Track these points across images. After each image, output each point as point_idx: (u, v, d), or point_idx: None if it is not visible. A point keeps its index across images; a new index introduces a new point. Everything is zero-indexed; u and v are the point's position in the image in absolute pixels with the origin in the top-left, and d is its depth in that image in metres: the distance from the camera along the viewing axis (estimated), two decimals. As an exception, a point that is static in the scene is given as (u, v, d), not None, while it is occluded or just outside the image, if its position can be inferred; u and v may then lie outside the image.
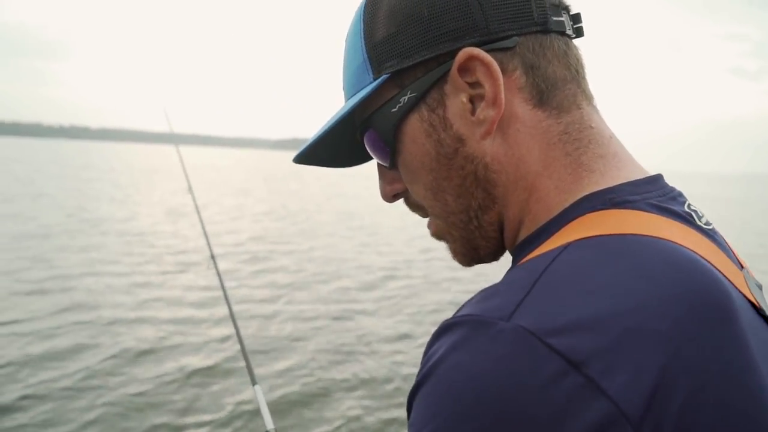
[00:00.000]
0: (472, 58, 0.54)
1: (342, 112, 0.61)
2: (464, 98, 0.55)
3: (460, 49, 0.54)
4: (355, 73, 0.60)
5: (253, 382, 1.93)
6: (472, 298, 0.48)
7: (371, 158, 0.67)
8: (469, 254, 0.63)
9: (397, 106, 0.58)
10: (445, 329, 0.45)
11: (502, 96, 0.54)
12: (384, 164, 0.63)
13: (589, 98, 0.59)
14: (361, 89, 0.59)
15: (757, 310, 0.49)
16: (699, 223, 0.53)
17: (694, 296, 0.43)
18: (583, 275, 0.44)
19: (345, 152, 0.70)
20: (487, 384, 0.40)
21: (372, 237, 13.04)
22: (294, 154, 0.69)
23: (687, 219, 0.53)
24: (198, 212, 2.80)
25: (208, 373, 4.96)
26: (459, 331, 0.44)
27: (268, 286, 8.03)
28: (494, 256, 0.64)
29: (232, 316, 2.18)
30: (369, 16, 0.59)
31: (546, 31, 0.56)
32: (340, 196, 26.13)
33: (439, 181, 0.59)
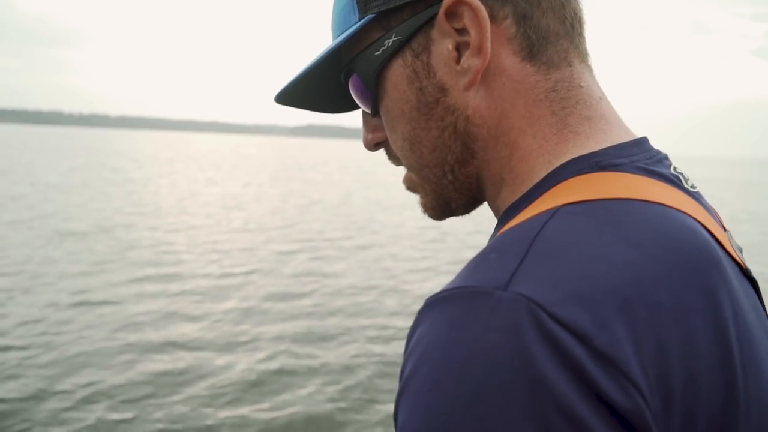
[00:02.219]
0: (460, 2, 0.51)
1: (325, 51, 0.59)
2: (450, 45, 0.53)
3: None
4: (341, 12, 0.58)
5: None
6: (460, 272, 0.44)
7: (357, 106, 0.66)
8: (440, 208, 0.63)
9: (381, 49, 0.56)
10: (432, 306, 0.42)
11: (488, 44, 0.51)
12: (366, 110, 0.62)
13: (582, 56, 0.56)
14: (347, 29, 0.57)
15: (741, 269, 0.51)
16: (685, 185, 0.53)
17: (688, 264, 0.43)
18: (577, 244, 0.42)
19: (331, 96, 0.68)
20: (493, 358, 0.37)
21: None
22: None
23: (674, 181, 0.52)
24: None
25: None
26: (450, 306, 0.40)
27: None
28: (465, 209, 0.63)
29: None
30: None
31: None
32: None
33: (417, 132, 0.57)
